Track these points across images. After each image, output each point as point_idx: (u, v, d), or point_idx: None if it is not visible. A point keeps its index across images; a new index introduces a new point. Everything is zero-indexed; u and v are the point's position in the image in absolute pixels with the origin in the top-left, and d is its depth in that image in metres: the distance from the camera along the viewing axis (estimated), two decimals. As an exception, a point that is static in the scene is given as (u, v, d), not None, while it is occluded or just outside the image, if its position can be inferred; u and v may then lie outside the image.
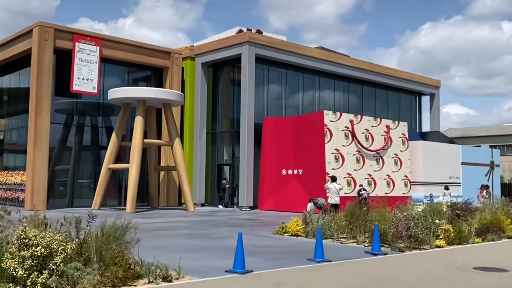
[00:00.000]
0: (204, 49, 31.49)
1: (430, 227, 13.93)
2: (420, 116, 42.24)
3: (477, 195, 27.91)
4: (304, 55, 31.78)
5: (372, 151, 28.12)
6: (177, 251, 11.54)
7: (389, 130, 29.25)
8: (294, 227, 15.43)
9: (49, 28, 26.73)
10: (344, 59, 34.95)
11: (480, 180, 33.48)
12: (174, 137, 27.37)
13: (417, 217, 14.52)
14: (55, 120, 28.63)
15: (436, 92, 41.97)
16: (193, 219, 21.45)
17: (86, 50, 27.91)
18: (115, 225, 8.96)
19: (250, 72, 28.88)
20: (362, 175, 27.48)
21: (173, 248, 12.17)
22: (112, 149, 27.15)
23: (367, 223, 14.33)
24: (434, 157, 31.38)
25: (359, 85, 36.71)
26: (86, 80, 27.91)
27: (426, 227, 13.78)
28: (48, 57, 26.61)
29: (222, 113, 32.04)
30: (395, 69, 39.14)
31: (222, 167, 31.49)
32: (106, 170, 27.12)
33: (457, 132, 69.09)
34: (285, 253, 11.81)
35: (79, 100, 29.31)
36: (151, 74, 32.27)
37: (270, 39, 30.80)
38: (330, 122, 26.43)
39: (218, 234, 15.57)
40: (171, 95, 27.14)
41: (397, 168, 29.47)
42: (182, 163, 27.21)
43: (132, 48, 29.83)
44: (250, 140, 28.62)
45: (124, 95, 26.26)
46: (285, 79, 32.31)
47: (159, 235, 14.83)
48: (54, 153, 29.14)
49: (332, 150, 26.28)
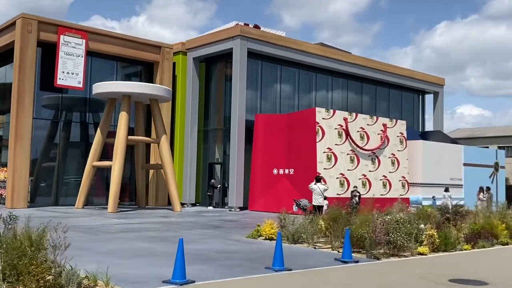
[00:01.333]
0: (195, 43, 30.45)
1: (411, 232, 12.75)
2: (423, 115, 40.88)
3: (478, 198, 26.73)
4: (300, 51, 30.62)
5: (367, 151, 26.91)
6: (125, 257, 10.51)
7: (386, 128, 28.01)
8: (268, 231, 14.33)
9: (33, 20, 25.84)
10: (342, 55, 33.73)
11: (483, 182, 32.09)
12: (161, 134, 26.35)
13: (401, 221, 13.38)
14: (43, 116, 27.82)
15: (440, 90, 40.58)
16: (173, 220, 20.41)
17: (72, 43, 26.98)
18: (29, 230, 7.80)
19: (242, 67, 27.79)
20: (356, 176, 26.28)
21: (125, 253, 11.13)
22: (97, 146, 26.22)
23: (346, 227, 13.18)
24: (434, 158, 30.08)
25: (358, 82, 35.47)
26: (71, 74, 26.98)
27: (407, 233, 12.61)
28: (31, 50, 25.72)
29: (215, 110, 30.97)
30: (396, 66, 37.84)
31: (214, 166, 30.44)
32: (90, 168, 26.20)
33: (465, 133, 67.45)
34: (247, 260, 10.73)
35: (67, 95, 28.44)
36: (142, 69, 31.31)
37: (263, 33, 29.66)
38: (322, 119, 25.26)
39: (186, 237, 14.49)
40: (158, 91, 26.12)
41: (394, 168, 28.21)
42: (169, 161, 26.20)
43: (120, 41, 28.86)
44: (241, 138, 27.54)
45: (108, 90, 25.29)
46: (280, 75, 31.17)
47: (120, 237, 13.80)
48: (40, 149, 28.36)
49: (324, 149, 25.12)
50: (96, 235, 14.26)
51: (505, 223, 16.27)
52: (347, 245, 11.02)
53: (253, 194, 27.28)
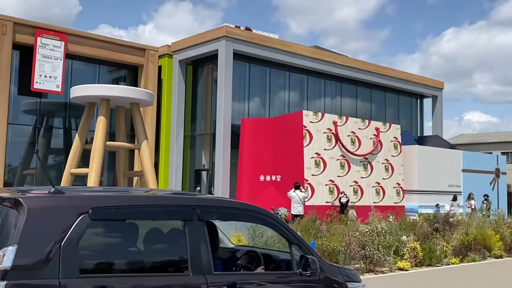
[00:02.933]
0: (181, 45, 29.30)
1: (390, 245, 11.45)
2: (421, 120, 39.49)
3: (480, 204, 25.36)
4: (290, 52, 29.38)
5: (358, 156, 25.58)
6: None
7: (379, 133, 26.69)
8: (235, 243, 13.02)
9: (8, 21, 24.75)
10: (335, 57, 32.46)
11: (483, 189, 30.68)
12: (142, 140, 25.06)
13: (382, 232, 12.10)
14: (23, 121, 26.73)
15: (439, 94, 39.19)
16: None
17: (50, 45, 25.87)
18: None
19: (227, 69, 26.59)
20: (347, 182, 24.95)
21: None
22: (75, 153, 24.91)
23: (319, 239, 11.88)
24: (430, 164, 28.70)
25: (352, 85, 34.17)
26: (49, 77, 25.86)
27: (385, 245, 11.31)
28: (6, 53, 24.62)
29: (202, 114, 29.76)
30: (393, 69, 36.55)
31: (201, 173, 29.20)
32: (68, 175, 24.88)
33: (468, 138, 65.95)
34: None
35: (47, 100, 27.31)
36: (126, 72, 30.18)
37: (251, 34, 28.45)
38: (310, 123, 23.98)
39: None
40: (138, 94, 24.87)
41: (388, 175, 26.85)
42: (150, 168, 24.91)
43: (101, 44, 27.72)
44: (227, 144, 26.30)
45: (85, 93, 24.01)
46: (269, 77, 29.92)
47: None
48: (20, 157, 27.27)
49: (312, 154, 23.82)
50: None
51: (499, 234, 14.92)
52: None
53: (239, 202, 25.97)
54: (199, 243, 4.06)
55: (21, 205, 3.54)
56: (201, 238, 4.10)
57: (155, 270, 4.02)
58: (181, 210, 4.18)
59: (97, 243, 3.95)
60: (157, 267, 4.07)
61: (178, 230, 4.17)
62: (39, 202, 3.72)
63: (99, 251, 3.93)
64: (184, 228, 4.07)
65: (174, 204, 4.31)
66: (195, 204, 4.27)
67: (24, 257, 3.38)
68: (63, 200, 3.81)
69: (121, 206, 3.94)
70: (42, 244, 3.47)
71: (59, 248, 3.49)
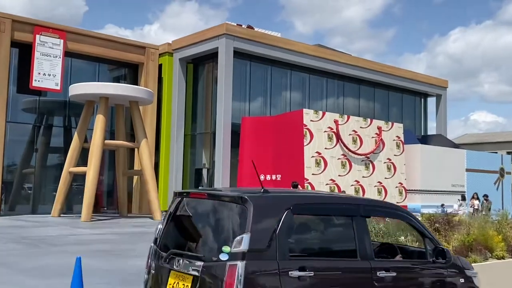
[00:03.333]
0: (181, 43, 29.04)
1: (387, 246, 11.13)
2: (425, 119, 39.08)
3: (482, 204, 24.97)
4: (291, 51, 29.07)
5: (360, 155, 25.25)
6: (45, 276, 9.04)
7: (381, 132, 26.34)
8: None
9: (6, 18, 24.59)
10: (337, 55, 32.12)
11: (488, 189, 30.27)
12: (141, 139, 24.92)
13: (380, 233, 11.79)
14: (23, 120, 26.56)
15: (443, 93, 38.78)
16: (143, 230, 18.89)
17: (48, 43, 25.70)
18: None
19: (227, 67, 26.32)
20: (348, 182, 24.63)
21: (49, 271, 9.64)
22: (73, 152, 24.82)
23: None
24: (433, 163, 28.31)
25: (356, 84, 33.83)
26: (48, 75, 25.68)
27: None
28: (4, 50, 24.46)
29: (203, 113, 29.48)
30: (397, 67, 36.14)
31: (201, 171, 28.94)
32: (67, 174, 24.79)
33: (473, 138, 65.41)
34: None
35: (47, 99, 27.16)
36: (126, 71, 29.97)
37: (251, 32, 28.16)
38: (310, 122, 23.67)
39: (139, 251, 12.98)
40: (137, 92, 24.73)
41: (390, 174, 26.51)
42: (149, 167, 24.75)
43: (101, 42, 27.53)
44: (227, 143, 26.03)
45: (84, 91, 23.93)
46: (270, 76, 29.62)
47: (62, 251, 12.30)
48: (20, 155, 27.10)
49: (312, 153, 23.51)
50: (38, 248, 12.80)
51: (502, 234, 14.53)
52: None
53: (239, 202, 25.71)
54: (363, 235, 5.03)
55: (247, 202, 4.48)
56: (364, 231, 5.09)
57: (335, 255, 4.99)
58: (350, 208, 5.16)
59: (298, 232, 4.87)
60: (336, 251, 5.06)
61: (348, 224, 5.05)
62: (259, 200, 4.65)
63: (299, 238, 4.88)
64: (352, 222, 5.01)
65: (345, 203, 5.35)
66: (359, 203, 5.33)
67: (254, 242, 4.31)
68: (272, 198, 4.88)
69: (312, 203, 5.06)
70: (264, 232, 4.41)
71: (275, 236, 4.43)
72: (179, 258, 4.64)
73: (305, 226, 5.04)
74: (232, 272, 4.20)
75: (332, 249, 5.10)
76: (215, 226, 4.82)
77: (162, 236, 5.12)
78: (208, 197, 5.01)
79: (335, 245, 5.12)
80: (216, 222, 4.84)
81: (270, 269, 4.34)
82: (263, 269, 4.34)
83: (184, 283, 4.52)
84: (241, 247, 4.28)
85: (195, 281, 4.42)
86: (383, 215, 6.30)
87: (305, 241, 4.97)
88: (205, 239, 4.81)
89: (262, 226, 4.41)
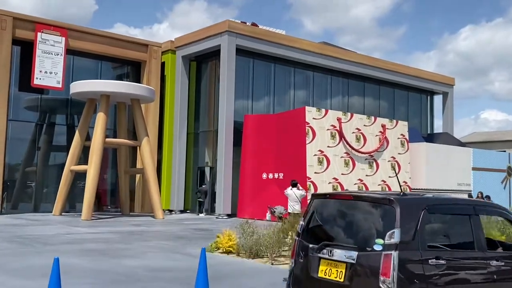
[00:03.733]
0: (184, 41, 28.80)
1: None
2: (431, 117, 38.60)
3: None
4: (295, 48, 28.75)
5: (363, 153, 24.92)
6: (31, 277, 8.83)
7: (385, 130, 25.99)
8: (225, 243, 12.52)
9: (7, 16, 24.49)
10: (341, 53, 31.75)
11: (494, 188, 29.88)
12: (142, 137, 24.73)
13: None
14: (26, 118, 26.46)
15: (450, 90, 38.28)
16: (142, 229, 18.71)
17: (50, 40, 25.58)
18: None
19: (230, 65, 26.04)
20: (351, 180, 24.31)
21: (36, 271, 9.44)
22: (75, 150, 24.69)
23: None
24: (439, 161, 27.92)
25: (360, 82, 33.45)
26: (50, 73, 25.56)
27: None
28: (6, 48, 24.37)
29: (205, 111, 29.24)
30: (402, 65, 35.68)
31: (204, 170, 28.70)
32: (68, 172, 24.66)
33: (482, 136, 64.67)
34: (174, 281, 8.98)
35: (49, 97, 27.07)
36: (129, 69, 29.81)
37: (254, 29, 27.88)
38: (313, 119, 23.38)
39: (133, 250, 12.78)
40: (138, 90, 24.54)
41: (394, 173, 26.13)
42: (151, 165, 24.58)
43: (103, 39, 27.36)
44: (229, 141, 25.77)
45: (84, 89, 23.77)
46: (273, 73, 29.33)
47: (54, 250, 12.10)
48: (23, 153, 27.02)
49: (315, 152, 23.21)
50: (31, 247, 12.62)
51: (506, 235, 14.19)
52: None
53: (242, 200, 25.49)
54: (478, 230, 5.92)
55: (394, 203, 5.35)
56: (479, 227, 5.97)
57: (459, 247, 5.76)
58: (467, 208, 6.06)
59: (432, 228, 5.72)
60: (459, 244, 5.83)
61: (466, 221, 5.90)
62: (403, 201, 5.45)
63: (433, 233, 5.76)
64: (469, 220, 5.89)
65: (463, 203, 6.30)
66: (472, 204, 6.23)
67: (403, 236, 5.15)
68: (411, 200, 5.76)
69: (441, 204, 5.98)
70: (409, 227, 5.25)
71: (416, 230, 5.27)
72: (331, 249, 5.57)
73: (436, 223, 5.96)
74: (388, 260, 5.06)
75: (457, 241, 5.90)
76: (363, 222, 5.67)
77: (305, 231, 6.14)
78: (354, 198, 5.91)
79: (459, 238, 5.94)
80: (364, 219, 5.67)
81: (415, 258, 5.19)
82: (410, 258, 5.16)
83: (338, 269, 5.45)
84: (394, 239, 5.12)
85: (349, 267, 5.34)
86: (490, 213, 7.23)
87: (437, 235, 5.88)
88: (356, 233, 5.64)
89: (407, 222, 5.26)
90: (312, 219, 6.17)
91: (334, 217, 6.03)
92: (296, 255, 6.05)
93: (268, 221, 17.97)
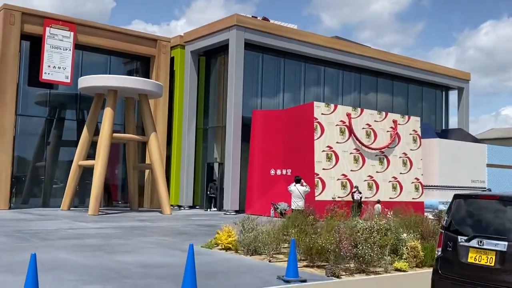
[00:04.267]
0: (193, 35, 28.58)
1: (385, 244, 10.48)
2: (446, 113, 37.90)
3: None
4: (306, 42, 28.36)
5: (374, 150, 24.47)
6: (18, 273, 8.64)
7: (396, 125, 25.50)
8: (225, 239, 12.24)
9: (16, 11, 24.48)
10: (353, 47, 31.24)
11: (510, 185, 29.20)
12: (150, 132, 24.59)
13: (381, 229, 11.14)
14: (34, 113, 26.47)
15: (466, 86, 37.54)
16: (147, 224, 18.53)
17: (58, 35, 25.53)
18: None
19: (238, 60, 25.76)
20: (361, 177, 23.89)
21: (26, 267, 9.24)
22: (83, 145, 24.66)
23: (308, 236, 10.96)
24: (452, 158, 27.34)
25: (373, 77, 32.92)
26: (58, 68, 25.52)
27: (380, 244, 10.35)
28: (14, 43, 24.37)
29: (215, 106, 28.99)
30: (416, 59, 35.06)
31: (213, 165, 28.48)
32: (76, 168, 24.63)
33: (499, 133, 63.55)
34: (166, 278, 8.74)
35: (58, 92, 27.02)
36: (138, 64, 29.67)
37: (263, 23, 27.53)
38: (321, 115, 23.00)
39: (132, 246, 12.58)
40: (146, 85, 24.37)
41: (406, 169, 25.65)
42: (158, 160, 24.42)
43: (112, 34, 27.26)
44: (237, 136, 25.51)
45: (92, 84, 23.67)
46: (283, 68, 28.96)
47: (50, 245, 11.94)
48: (33, 148, 27.03)
49: (323, 148, 22.84)
50: (27, 242, 12.48)
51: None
52: (291, 260, 8.82)
53: (250, 196, 25.21)
54: None
55: None
56: None
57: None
58: None
59: None
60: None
61: None
62: None
63: None
64: None
65: None
66: None
67: None
68: None
69: None
70: None
71: None
72: (480, 239, 6.46)
73: None
74: None
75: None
76: (509, 218, 6.47)
77: (450, 225, 7.01)
78: (500, 199, 6.73)
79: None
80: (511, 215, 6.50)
81: None
82: None
83: (488, 256, 6.33)
84: None
85: (499, 254, 6.23)
86: None
87: None
88: (503, 226, 6.45)
89: None
90: (456, 215, 7.05)
91: (480, 213, 6.87)
92: (444, 245, 6.94)
93: (271, 217, 17.66)
